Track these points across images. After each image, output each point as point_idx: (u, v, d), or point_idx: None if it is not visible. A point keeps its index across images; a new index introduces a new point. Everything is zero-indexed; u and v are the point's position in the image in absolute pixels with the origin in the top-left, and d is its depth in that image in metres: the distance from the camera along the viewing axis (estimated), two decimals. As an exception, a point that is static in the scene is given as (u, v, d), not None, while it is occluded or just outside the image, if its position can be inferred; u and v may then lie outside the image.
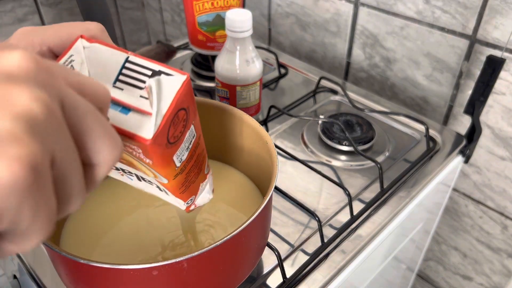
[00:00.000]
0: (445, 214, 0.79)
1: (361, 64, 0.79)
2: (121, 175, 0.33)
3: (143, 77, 0.25)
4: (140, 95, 0.25)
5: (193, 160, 0.31)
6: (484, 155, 0.68)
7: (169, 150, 0.27)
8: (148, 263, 0.29)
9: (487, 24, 0.60)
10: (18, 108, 0.16)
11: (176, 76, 0.26)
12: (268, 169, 0.39)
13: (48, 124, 0.17)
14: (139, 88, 0.25)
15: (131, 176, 0.32)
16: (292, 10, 0.85)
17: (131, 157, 0.27)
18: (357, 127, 0.62)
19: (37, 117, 0.16)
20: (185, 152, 0.29)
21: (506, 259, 0.74)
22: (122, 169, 0.31)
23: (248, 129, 0.43)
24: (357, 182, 0.55)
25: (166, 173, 0.28)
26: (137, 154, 0.26)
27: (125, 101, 0.25)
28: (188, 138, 0.29)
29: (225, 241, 0.31)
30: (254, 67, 0.57)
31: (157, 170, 0.27)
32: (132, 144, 0.25)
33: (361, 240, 0.48)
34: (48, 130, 0.17)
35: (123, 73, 0.26)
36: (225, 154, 0.49)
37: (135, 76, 0.26)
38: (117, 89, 0.25)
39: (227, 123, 0.45)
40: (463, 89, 0.67)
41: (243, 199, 0.46)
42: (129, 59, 0.26)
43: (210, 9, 0.65)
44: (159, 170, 0.27)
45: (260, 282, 0.43)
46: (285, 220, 0.49)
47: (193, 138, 0.30)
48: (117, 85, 0.25)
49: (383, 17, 0.71)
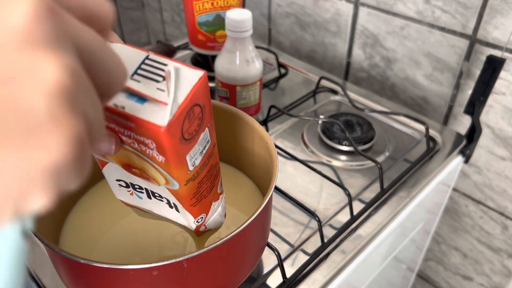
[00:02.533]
0: (445, 214, 0.79)
1: (361, 64, 0.79)
2: (131, 194, 0.33)
3: (162, 72, 0.26)
4: (157, 87, 0.25)
5: (207, 169, 0.31)
6: (484, 155, 0.68)
7: (183, 147, 0.26)
8: (148, 263, 0.29)
9: (487, 24, 0.60)
10: (49, 83, 0.15)
11: (194, 71, 0.26)
12: (268, 169, 0.39)
13: (79, 90, 0.16)
14: (156, 81, 0.25)
15: (141, 193, 0.32)
16: (292, 10, 0.85)
17: (143, 159, 0.27)
18: (357, 127, 0.62)
19: (68, 88, 0.15)
20: (199, 156, 0.29)
21: (507, 259, 0.74)
22: (132, 184, 0.31)
23: (248, 129, 0.43)
24: (357, 182, 0.55)
25: (178, 174, 0.28)
26: (150, 152, 0.26)
27: (142, 92, 0.25)
28: (202, 141, 0.28)
29: (225, 241, 0.31)
30: (254, 67, 0.57)
31: (169, 171, 0.27)
32: (147, 138, 0.25)
33: (361, 240, 0.48)
34: (79, 96, 0.16)
35: (142, 68, 0.26)
36: (224, 154, 0.49)
37: (153, 71, 0.26)
38: (134, 81, 0.25)
39: (226, 123, 0.45)
40: (463, 89, 0.67)
41: (243, 199, 0.46)
42: (149, 57, 0.26)
43: (210, 9, 0.65)
44: (172, 171, 0.27)
45: (260, 282, 0.43)
46: (285, 220, 0.49)
47: (208, 143, 0.29)
48: (135, 77, 0.26)
49: (383, 17, 0.71)
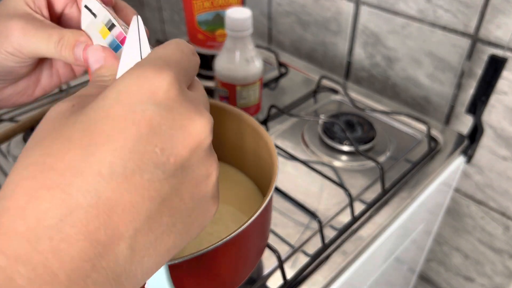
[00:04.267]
0: (447, 215, 0.78)
1: (362, 64, 0.78)
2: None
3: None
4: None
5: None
6: (486, 155, 0.68)
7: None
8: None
9: (489, 23, 0.60)
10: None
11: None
12: (268, 169, 0.39)
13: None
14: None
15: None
16: (292, 9, 0.84)
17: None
18: (358, 127, 0.61)
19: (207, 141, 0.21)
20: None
21: (508, 260, 0.74)
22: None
23: (248, 129, 0.43)
24: (358, 182, 0.54)
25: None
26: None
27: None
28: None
29: (225, 242, 0.30)
30: (254, 66, 0.56)
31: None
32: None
33: (362, 241, 0.47)
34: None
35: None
36: (224, 154, 0.48)
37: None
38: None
39: (227, 123, 0.45)
40: (465, 88, 0.66)
41: (243, 199, 0.46)
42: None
43: (209, 8, 0.65)
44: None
45: (260, 284, 0.42)
46: (285, 221, 0.49)
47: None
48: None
49: (384, 16, 0.70)
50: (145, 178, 0.18)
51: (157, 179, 0.18)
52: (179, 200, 0.19)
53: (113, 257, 0.17)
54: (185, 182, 0.19)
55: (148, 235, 0.18)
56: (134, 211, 0.17)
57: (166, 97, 0.19)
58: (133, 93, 0.18)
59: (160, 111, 0.19)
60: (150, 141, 0.18)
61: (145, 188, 0.18)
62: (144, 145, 0.18)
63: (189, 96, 0.20)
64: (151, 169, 0.18)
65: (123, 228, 0.17)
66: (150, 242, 0.18)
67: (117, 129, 0.18)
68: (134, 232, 0.18)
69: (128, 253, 0.18)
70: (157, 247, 0.19)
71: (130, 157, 0.18)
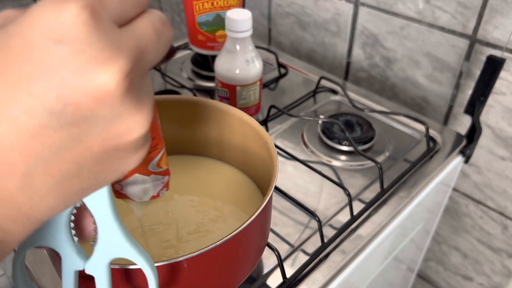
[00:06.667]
0: (446, 214, 0.79)
1: (361, 64, 0.79)
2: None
3: None
4: None
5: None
6: (485, 155, 0.68)
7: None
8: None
9: (487, 24, 0.60)
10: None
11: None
12: (268, 169, 0.39)
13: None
14: None
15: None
16: (292, 10, 0.85)
17: None
18: (357, 127, 0.62)
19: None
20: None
21: (507, 259, 0.74)
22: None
23: (248, 129, 0.43)
24: (357, 182, 0.55)
25: None
26: None
27: None
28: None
29: (225, 241, 0.31)
30: (254, 67, 0.57)
31: None
32: None
33: (361, 240, 0.48)
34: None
35: None
36: (225, 154, 0.49)
37: None
38: None
39: (227, 123, 0.45)
40: (464, 89, 0.67)
41: (243, 199, 0.46)
42: None
43: (210, 9, 0.65)
44: None
45: (260, 282, 0.43)
46: (285, 220, 0.49)
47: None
48: None
49: (383, 17, 0.71)
50: (34, 122, 0.17)
51: (50, 126, 0.17)
52: (85, 150, 0.18)
53: (7, 193, 0.18)
54: (92, 134, 0.18)
55: (46, 177, 0.18)
56: (24, 152, 0.17)
57: (73, 32, 0.16)
58: (37, 24, 0.16)
59: (63, 49, 0.16)
60: (42, 85, 0.16)
61: (37, 132, 0.17)
62: (38, 88, 0.16)
63: (108, 34, 0.17)
64: (43, 114, 0.17)
65: (12, 167, 0.17)
66: (51, 184, 0.18)
67: (12, 64, 0.16)
68: (27, 171, 0.18)
69: (24, 190, 0.18)
70: (60, 189, 0.19)
71: (18, 98, 0.16)
